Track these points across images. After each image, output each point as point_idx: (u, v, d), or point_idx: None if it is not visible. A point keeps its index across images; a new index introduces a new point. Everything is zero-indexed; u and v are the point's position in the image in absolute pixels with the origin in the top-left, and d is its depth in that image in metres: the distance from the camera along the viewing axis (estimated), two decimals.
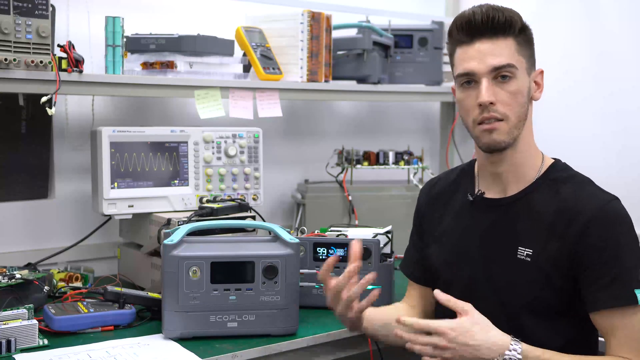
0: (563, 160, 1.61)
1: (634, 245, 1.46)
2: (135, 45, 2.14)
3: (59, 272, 2.02)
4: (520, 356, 1.39)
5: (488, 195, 1.60)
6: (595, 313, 1.45)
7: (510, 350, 1.39)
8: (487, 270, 1.56)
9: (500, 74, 1.48)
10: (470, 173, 1.67)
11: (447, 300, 1.45)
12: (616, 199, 1.49)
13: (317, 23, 2.35)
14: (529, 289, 1.50)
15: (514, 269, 1.52)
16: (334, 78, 2.47)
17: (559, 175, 1.54)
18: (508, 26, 1.49)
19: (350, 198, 2.47)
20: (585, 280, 1.45)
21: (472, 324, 1.42)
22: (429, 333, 1.42)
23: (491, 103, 1.48)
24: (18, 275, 1.79)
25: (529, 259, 1.50)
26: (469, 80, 1.51)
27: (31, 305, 1.65)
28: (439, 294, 1.46)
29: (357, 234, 1.94)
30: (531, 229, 1.51)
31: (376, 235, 1.93)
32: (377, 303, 1.88)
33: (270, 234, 1.75)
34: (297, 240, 1.70)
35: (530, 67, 1.53)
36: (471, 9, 1.51)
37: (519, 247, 1.52)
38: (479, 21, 1.48)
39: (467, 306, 1.44)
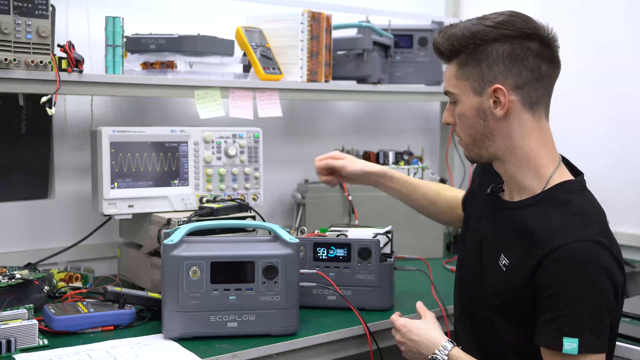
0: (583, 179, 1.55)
1: (586, 292, 1.39)
2: (135, 45, 2.14)
3: (59, 272, 2.02)
4: (446, 357, 1.59)
5: (503, 195, 1.62)
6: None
7: (439, 349, 1.61)
8: (478, 265, 1.62)
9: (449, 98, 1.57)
10: None
11: (419, 307, 1.78)
12: (590, 241, 1.40)
13: (317, 23, 2.35)
14: (500, 295, 1.53)
15: (493, 273, 1.55)
16: (334, 78, 2.47)
17: (559, 197, 1.48)
18: (449, 52, 1.52)
19: (350, 198, 2.47)
20: (536, 309, 1.45)
21: (422, 324, 1.70)
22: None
23: (448, 123, 1.59)
24: (18, 275, 1.79)
25: (504, 269, 1.52)
26: None
27: (31, 305, 1.65)
28: (419, 305, 1.79)
29: (357, 234, 1.95)
30: (513, 242, 1.52)
31: (376, 235, 1.93)
32: (377, 303, 1.89)
33: (270, 234, 1.75)
34: (297, 240, 1.70)
35: (480, 85, 1.49)
36: (436, 32, 1.57)
37: (502, 254, 1.53)
38: (433, 47, 1.58)
39: (428, 313, 1.75)
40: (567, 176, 1.53)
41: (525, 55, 1.47)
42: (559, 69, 1.53)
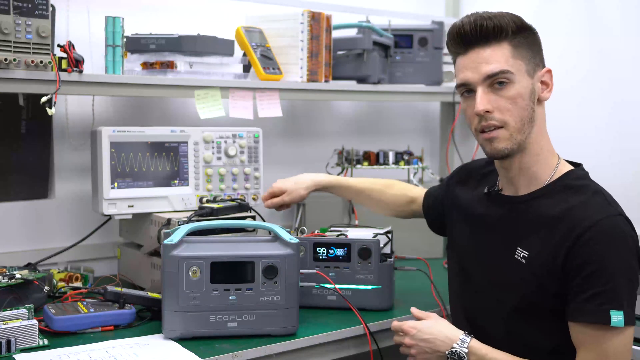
0: (583, 168, 1.60)
1: (622, 265, 1.43)
2: (135, 45, 2.14)
3: (59, 272, 2.02)
4: (466, 349, 1.55)
5: (504, 192, 1.63)
6: (571, 323, 1.47)
7: (458, 343, 1.57)
8: (485, 264, 1.61)
9: (496, 81, 1.50)
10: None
11: (415, 312, 1.74)
12: (620, 215, 1.47)
13: (317, 23, 2.35)
14: (520, 290, 1.53)
15: (509, 268, 1.54)
16: (334, 78, 2.47)
17: (573, 183, 1.53)
18: (499, 32, 1.49)
19: None
20: (570, 291, 1.46)
21: (431, 322, 1.66)
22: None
23: (487, 111, 1.50)
24: (18, 275, 1.79)
25: (524, 261, 1.52)
26: (467, 90, 1.54)
27: (31, 305, 1.65)
28: (413, 310, 1.74)
29: (357, 234, 1.95)
30: (531, 232, 1.52)
31: (376, 235, 1.93)
32: (377, 303, 1.89)
33: (270, 234, 1.75)
34: (297, 240, 1.69)
35: (532, 68, 1.52)
36: (461, 19, 1.53)
37: (518, 248, 1.53)
38: (468, 31, 1.51)
39: (430, 313, 1.71)
40: (569, 166, 1.58)
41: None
42: None
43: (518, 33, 1.50)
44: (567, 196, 1.51)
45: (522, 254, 1.52)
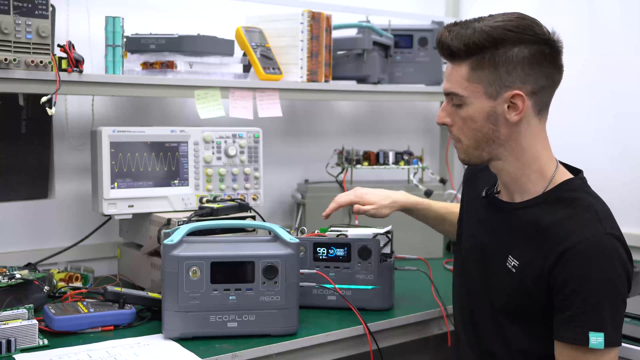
0: (583, 177, 1.55)
1: (605, 286, 1.39)
2: (135, 45, 2.14)
3: (59, 272, 2.02)
4: None
5: (501, 196, 1.61)
6: (554, 339, 1.44)
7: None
8: (483, 268, 1.60)
9: (452, 99, 1.51)
10: None
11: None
12: (607, 234, 1.41)
13: (317, 23, 2.35)
14: (511, 297, 1.52)
15: (502, 276, 1.54)
16: (334, 78, 2.47)
17: (566, 195, 1.49)
18: (463, 53, 1.45)
19: None
20: (555, 306, 1.44)
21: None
22: None
23: (444, 124, 1.53)
24: (18, 275, 1.79)
25: (514, 270, 1.51)
26: None
27: (31, 305, 1.65)
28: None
29: (357, 234, 1.94)
30: (522, 242, 1.51)
31: (376, 235, 1.93)
32: (377, 303, 1.89)
33: (270, 234, 1.75)
34: (297, 240, 1.69)
35: (495, 90, 1.45)
36: (441, 29, 1.50)
37: (509, 256, 1.52)
38: (438, 44, 1.50)
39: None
40: (567, 175, 1.54)
41: (542, 61, 1.45)
42: (562, 74, 1.52)
43: (482, 53, 1.43)
44: (558, 208, 1.47)
45: (513, 262, 1.51)
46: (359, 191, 1.94)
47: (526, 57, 1.43)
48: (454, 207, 1.94)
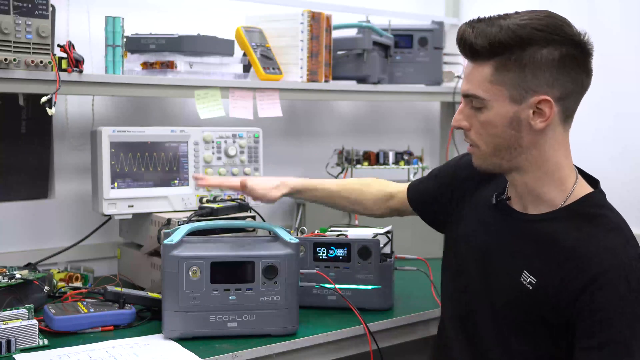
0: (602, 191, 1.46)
1: (636, 316, 1.30)
2: (135, 45, 2.14)
3: (59, 272, 2.02)
4: None
5: (512, 204, 1.50)
6: None
7: None
8: (487, 278, 1.50)
9: (472, 101, 1.40)
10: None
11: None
12: (636, 259, 1.32)
13: (317, 23, 2.35)
14: (521, 314, 1.42)
15: (513, 290, 1.43)
16: (334, 78, 2.47)
17: (589, 211, 1.39)
18: (487, 52, 1.35)
19: None
20: (578, 331, 1.34)
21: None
22: None
23: (461, 128, 1.44)
24: (18, 275, 1.79)
25: (530, 287, 1.40)
26: None
27: (31, 305, 1.65)
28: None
29: (357, 234, 1.94)
30: (541, 258, 1.40)
31: (376, 235, 1.93)
32: (377, 303, 1.89)
33: (270, 234, 1.75)
34: (297, 240, 1.69)
35: (520, 93, 1.35)
36: (462, 25, 1.40)
37: (525, 271, 1.41)
38: (460, 42, 1.39)
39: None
40: (587, 188, 1.44)
41: (572, 64, 1.36)
42: (591, 79, 1.43)
43: (507, 53, 1.33)
44: (581, 226, 1.37)
45: (530, 279, 1.40)
46: (247, 178, 1.87)
47: (555, 59, 1.34)
48: (349, 182, 1.89)
